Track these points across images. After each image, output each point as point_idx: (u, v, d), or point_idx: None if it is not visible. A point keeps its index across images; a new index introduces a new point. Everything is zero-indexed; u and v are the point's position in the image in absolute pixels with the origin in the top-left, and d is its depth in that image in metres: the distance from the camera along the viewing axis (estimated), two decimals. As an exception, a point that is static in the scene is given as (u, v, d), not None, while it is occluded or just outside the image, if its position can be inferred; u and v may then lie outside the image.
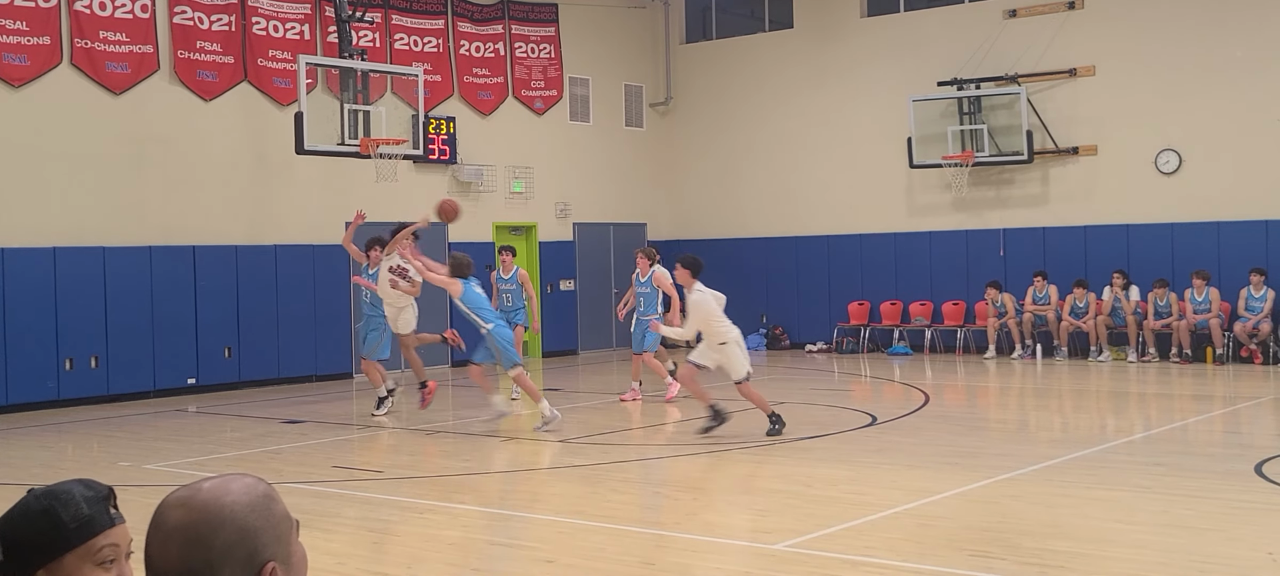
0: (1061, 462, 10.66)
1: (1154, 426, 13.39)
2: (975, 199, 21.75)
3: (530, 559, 7.74)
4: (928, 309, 22.26)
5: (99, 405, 16.32)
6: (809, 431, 12.64)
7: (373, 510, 9.54)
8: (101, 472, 11.32)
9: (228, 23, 18.32)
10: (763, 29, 24.58)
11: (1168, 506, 8.68)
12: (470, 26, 21.77)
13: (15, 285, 15.95)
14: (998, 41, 21.43)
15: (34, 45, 16.27)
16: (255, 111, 18.70)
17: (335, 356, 19.31)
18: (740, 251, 24.08)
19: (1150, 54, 20.22)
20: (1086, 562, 7.12)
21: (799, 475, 10.26)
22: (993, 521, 8.37)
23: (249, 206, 18.63)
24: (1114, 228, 20.56)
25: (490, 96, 22.08)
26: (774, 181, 23.95)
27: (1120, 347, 19.81)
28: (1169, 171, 20.19)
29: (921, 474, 10.25)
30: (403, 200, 20.14)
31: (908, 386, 17.07)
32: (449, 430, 13.25)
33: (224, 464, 11.58)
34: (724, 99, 24.52)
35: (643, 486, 10.07)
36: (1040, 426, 13.53)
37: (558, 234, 23.05)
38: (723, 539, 8.04)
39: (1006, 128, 21.23)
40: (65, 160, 16.59)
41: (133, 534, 2.07)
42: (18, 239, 16.08)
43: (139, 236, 17.24)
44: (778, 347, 23.48)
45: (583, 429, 13.22)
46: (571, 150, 23.43)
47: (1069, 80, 20.99)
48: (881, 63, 22.66)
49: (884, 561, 7.22)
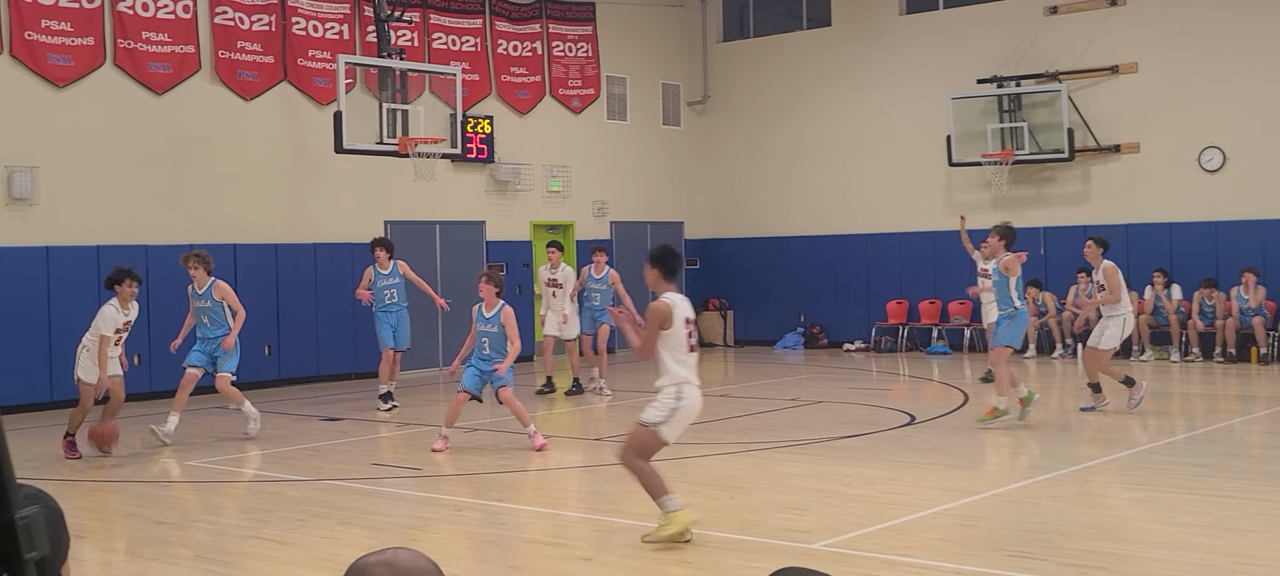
0: (1102, 463, 10.57)
1: (1197, 427, 13.25)
2: (1015, 197, 21.58)
3: (568, 557, 7.75)
4: (967, 308, 22.10)
5: (142, 402, 16.47)
6: (847, 431, 12.59)
7: (412, 508, 9.59)
8: (143, 468, 11.44)
9: (268, 23, 18.46)
10: (800, 27, 24.50)
11: (1211, 508, 8.58)
12: (508, 26, 21.83)
13: (60, 283, 16.13)
14: (1038, 38, 21.26)
15: (78, 46, 16.46)
16: (295, 111, 18.83)
17: (374, 354, 19.33)
18: (778, 250, 24.02)
19: (1193, 50, 20.00)
20: (1128, 564, 7.05)
21: (837, 474, 10.22)
22: (1032, 522, 8.30)
23: (288, 205, 18.77)
24: (1156, 226, 20.35)
25: (528, 95, 22.13)
26: (812, 180, 23.87)
27: (1162, 347, 19.61)
28: (1213, 169, 19.96)
29: (960, 473, 10.19)
30: (440, 199, 20.23)
31: (946, 386, 16.97)
32: (487, 427, 13.29)
33: (266, 461, 11.67)
34: (762, 97, 24.46)
35: (680, 485, 10.05)
36: (1081, 426, 13.40)
37: (595, 232, 23.07)
38: (760, 538, 8.02)
39: (1047, 125, 21.07)
40: (108, 159, 16.77)
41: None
42: (62, 238, 16.27)
43: (180, 235, 17.38)
44: (815, 347, 23.40)
45: (622, 427, 13.21)
46: (609, 149, 23.44)
47: (1111, 77, 20.79)
48: (920, 60, 22.53)
49: (923, 561, 7.18)
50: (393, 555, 2.00)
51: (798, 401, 15.37)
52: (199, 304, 12.86)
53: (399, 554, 2.01)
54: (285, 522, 8.97)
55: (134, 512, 9.38)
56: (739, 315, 24.73)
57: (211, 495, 10.40)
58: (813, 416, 14.04)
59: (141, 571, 7.58)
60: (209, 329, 12.80)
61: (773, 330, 24.11)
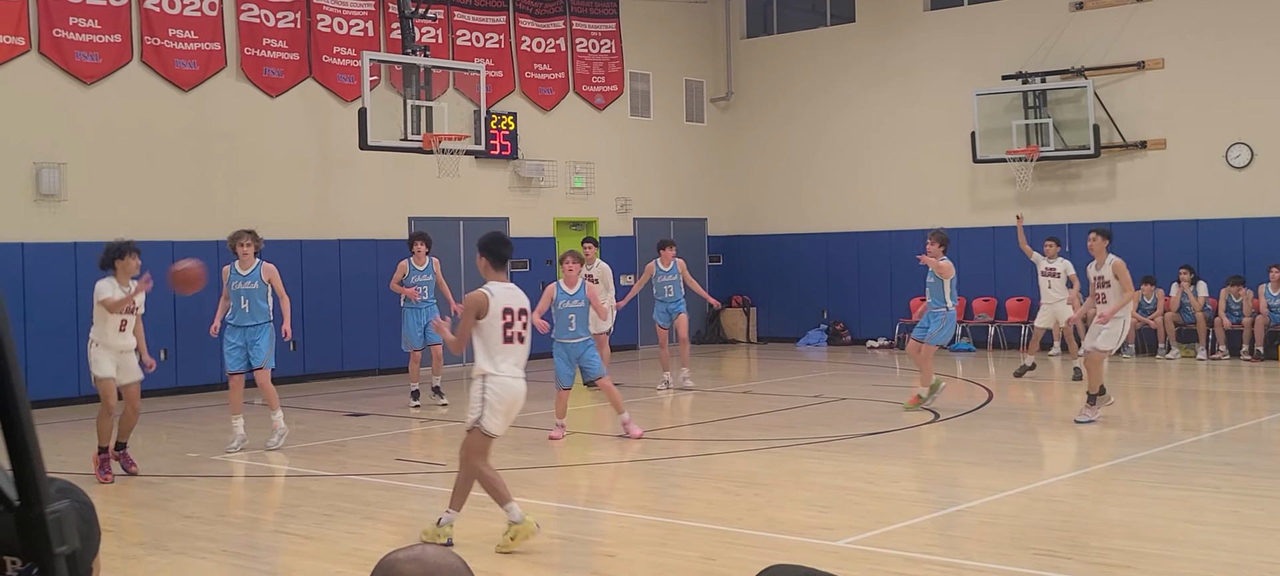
0: (1128, 461, 10.51)
1: (1224, 425, 13.16)
2: (1040, 194, 21.48)
3: (592, 553, 7.76)
4: (991, 305, 22.03)
5: (168, 397, 16.60)
6: (871, 428, 12.56)
7: (436, 503, 9.61)
8: (171, 463, 11.51)
9: (293, 20, 18.54)
10: (824, 23, 24.44)
11: (1238, 506, 8.52)
12: (532, 22, 21.86)
13: (87, 279, 16.13)
14: (1064, 34, 21.14)
15: (105, 43, 16.58)
16: (320, 107, 18.91)
17: (398, 350, 19.45)
18: (801, 247, 23.98)
19: (1221, 45, 19.85)
20: (1154, 563, 7.01)
21: (861, 471, 10.20)
22: (1058, 520, 8.26)
23: (313, 201, 18.85)
24: (1183, 223, 20.21)
25: (551, 92, 22.16)
26: (835, 176, 23.81)
27: (1189, 344, 19.49)
28: (1240, 166, 19.82)
29: (985, 471, 10.16)
30: (464, 195, 20.28)
31: (971, 383, 16.91)
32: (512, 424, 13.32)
33: (291, 456, 11.73)
34: (785, 94, 24.41)
35: (704, 482, 10.06)
36: (1107, 424, 13.34)
37: (618, 229, 23.08)
38: (784, 535, 8.02)
39: (1072, 121, 20.95)
40: (135, 156, 16.89)
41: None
42: (90, 233, 16.38)
43: (206, 231, 17.49)
44: (839, 343, 23.35)
45: (644, 424, 13.22)
46: (632, 145, 23.45)
47: (1137, 73, 20.66)
48: (945, 56, 22.44)
49: (946, 559, 7.16)
50: (421, 551, 2.02)
51: (821, 398, 15.35)
52: (242, 286, 11.92)
53: (427, 550, 2.03)
54: (311, 517, 9.02)
55: (160, 506, 9.44)
56: (762, 312, 24.69)
57: (237, 490, 10.46)
58: (836, 413, 14.02)
59: (169, 565, 7.63)
60: (246, 315, 11.90)
61: (795, 327, 24.08)
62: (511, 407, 7.64)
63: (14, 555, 1.91)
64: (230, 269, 12.01)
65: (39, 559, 1.50)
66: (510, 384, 7.57)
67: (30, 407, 1.48)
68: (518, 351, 7.62)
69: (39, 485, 1.47)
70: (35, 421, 1.48)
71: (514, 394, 7.61)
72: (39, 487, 1.48)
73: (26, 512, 1.48)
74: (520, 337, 7.61)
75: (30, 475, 1.47)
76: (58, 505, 1.50)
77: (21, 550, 1.53)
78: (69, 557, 1.52)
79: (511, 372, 7.58)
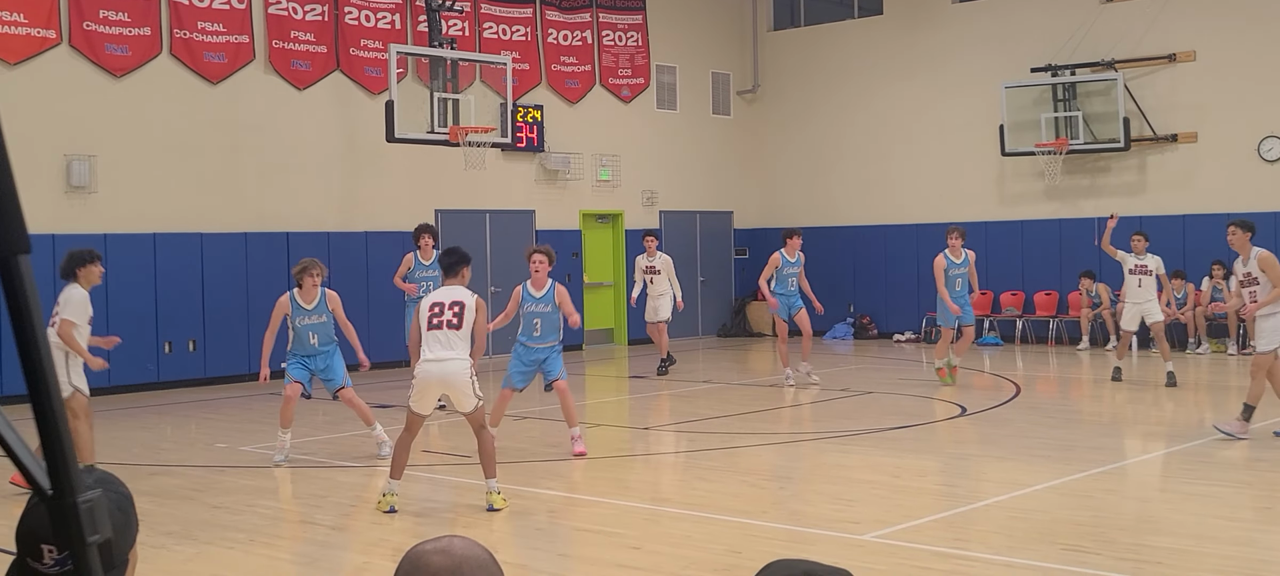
0: (1158, 456, 10.43)
1: (1255, 420, 13.03)
2: (1069, 187, 21.34)
3: (617, 544, 7.76)
4: (1019, 299, 21.92)
5: (197, 388, 16.71)
6: (898, 421, 12.52)
7: (460, 495, 9.65)
8: (200, 454, 11.59)
9: (321, 13, 18.60)
10: (852, 15, 24.34)
11: (1269, 502, 8.45)
12: (558, 15, 21.86)
13: (116, 270, 16.34)
14: (1093, 26, 20.98)
15: (135, 36, 16.68)
16: (347, 100, 18.97)
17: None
18: (828, 240, 23.89)
19: (1252, 37, 19.66)
20: (1184, 559, 6.96)
21: (887, 465, 10.17)
22: (1086, 515, 8.21)
23: (340, 194, 18.92)
24: (1214, 217, 20.00)
25: (578, 84, 22.16)
26: (863, 169, 23.72)
27: (1220, 339, 19.33)
28: (1272, 159, 19.63)
29: (1012, 466, 10.11)
30: (490, 188, 20.31)
31: (998, 377, 16.83)
32: (537, 415, 13.34)
33: (317, 447, 11.78)
34: (812, 86, 24.33)
35: (729, 474, 10.05)
36: (1136, 419, 13.25)
37: (644, 222, 23.06)
38: (810, 528, 8.00)
39: (1102, 114, 20.80)
40: (164, 148, 16.99)
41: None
42: (119, 225, 16.51)
43: (235, 223, 17.60)
44: (865, 337, 23.28)
45: (669, 416, 13.22)
46: (658, 138, 23.42)
47: (1167, 65, 20.49)
48: (973, 49, 22.32)
49: (974, 554, 7.13)
50: (448, 543, 2.01)
51: (848, 392, 15.31)
52: (308, 321, 10.87)
53: (454, 542, 2.01)
54: (337, 508, 9.06)
55: (190, 497, 9.50)
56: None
57: (265, 480, 10.52)
58: (862, 407, 13.98)
59: (198, 554, 7.68)
60: (316, 347, 10.90)
61: (822, 320, 23.88)
62: (424, 389, 8.71)
63: (51, 543, 1.93)
64: (291, 301, 10.86)
65: (71, 546, 1.51)
66: (427, 369, 8.63)
67: (62, 399, 1.48)
68: (436, 335, 8.60)
69: (70, 473, 1.48)
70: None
71: (426, 377, 8.65)
72: (71, 476, 1.48)
73: (59, 501, 1.49)
74: (449, 325, 8.59)
75: (62, 464, 1.48)
76: (90, 494, 1.51)
77: (55, 538, 1.54)
78: (102, 546, 1.53)
79: (433, 358, 8.58)
